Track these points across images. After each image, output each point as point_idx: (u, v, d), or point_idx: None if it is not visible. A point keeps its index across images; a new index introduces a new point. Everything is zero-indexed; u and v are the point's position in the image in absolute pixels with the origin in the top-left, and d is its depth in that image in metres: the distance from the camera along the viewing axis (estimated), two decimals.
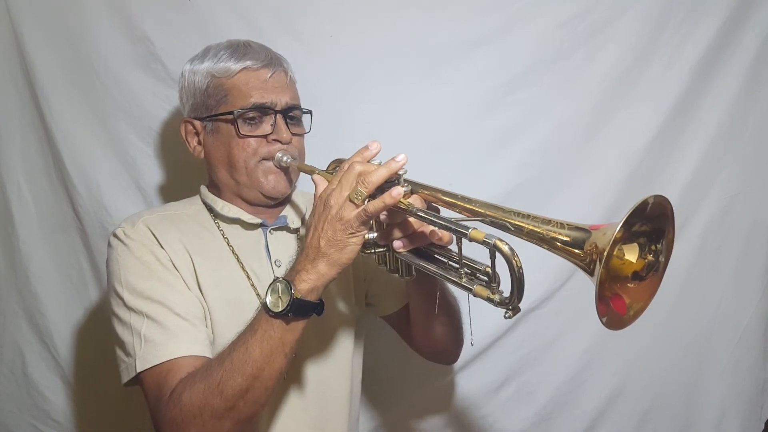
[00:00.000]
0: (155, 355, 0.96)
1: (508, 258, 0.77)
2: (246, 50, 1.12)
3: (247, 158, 1.10)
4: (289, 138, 1.11)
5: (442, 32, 1.47)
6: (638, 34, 1.49)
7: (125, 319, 1.00)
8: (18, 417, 1.55)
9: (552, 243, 0.76)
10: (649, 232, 0.75)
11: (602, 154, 1.52)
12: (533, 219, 0.79)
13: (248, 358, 0.89)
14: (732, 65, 1.53)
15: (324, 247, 0.88)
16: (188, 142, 1.17)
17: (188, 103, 1.16)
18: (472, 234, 0.79)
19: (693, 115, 1.53)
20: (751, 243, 1.59)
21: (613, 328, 0.76)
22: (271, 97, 1.10)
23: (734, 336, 1.60)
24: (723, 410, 1.60)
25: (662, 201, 0.73)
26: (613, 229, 0.68)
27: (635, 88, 1.51)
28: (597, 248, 0.70)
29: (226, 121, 1.11)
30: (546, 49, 1.48)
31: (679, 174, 1.54)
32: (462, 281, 0.86)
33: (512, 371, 1.54)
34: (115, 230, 1.08)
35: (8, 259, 1.53)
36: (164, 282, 1.02)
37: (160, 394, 0.93)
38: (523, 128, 1.50)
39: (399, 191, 0.85)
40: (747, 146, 1.57)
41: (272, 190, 1.12)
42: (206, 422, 0.88)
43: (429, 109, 1.48)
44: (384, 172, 0.87)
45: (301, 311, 0.89)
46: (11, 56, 1.45)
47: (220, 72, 1.10)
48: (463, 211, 0.88)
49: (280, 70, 1.13)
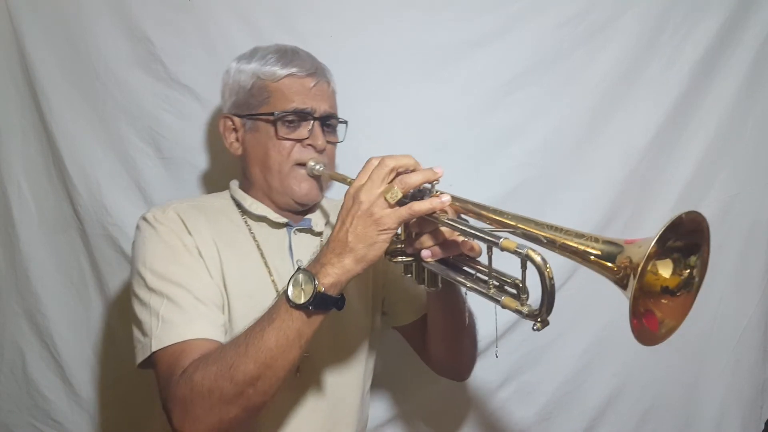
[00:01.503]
0: (170, 335, 0.96)
1: (540, 268, 0.76)
2: (293, 57, 1.16)
3: (282, 162, 1.13)
4: (323, 145, 1.14)
5: (442, 32, 1.47)
6: (638, 34, 1.49)
7: (145, 299, 1.01)
8: (18, 417, 1.55)
9: (585, 256, 0.76)
10: (683, 248, 0.75)
11: (602, 154, 1.52)
12: (566, 232, 0.79)
13: (263, 345, 0.88)
14: (732, 65, 1.53)
15: (352, 242, 0.87)
16: (226, 137, 1.20)
17: (230, 99, 1.19)
18: (504, 243, 0.78)
19: (693, 115, 1.53)
20: (751, 243, 1.59)
21: (645, 344, 0.75)
22: (312, 104, 1.14)
23: (734, 336, 1.60)
24: (723, 410, 1.60)
25: (697, 217, 0.73)
26: (648, 243, 0.68)
27: (635, 88, 1.51)
28: (631, 263, 0.70)
29: (266, 122, 1.14)
30: (546, 49, 1.48)
31: (679, 174, 1.54)
32: (490, 292, 0.85)
33: (512, 371, 1.54)
34: (145, 214, 1.09)
35: (8, 259, 1.53)
36: (187, 267, 1.03)
37: (172, 372, 0.93)
38: (523, 128, 1.50)
39: (448, 198, 0.86)
40: (747, 146, 1.57)
41: (304, 197, 1.15)
42: (214, 405, 0.88)
43: (429, 109, 1.48)
44: (422, 176, 0.87)
45: (323, 305, 0.89)
46: (11, 56, 1.45)
47: (266, 75, 1.14)
48: (493, 223, 0.88)
49: (324, 80, 1.17)
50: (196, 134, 1.46)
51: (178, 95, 1.44)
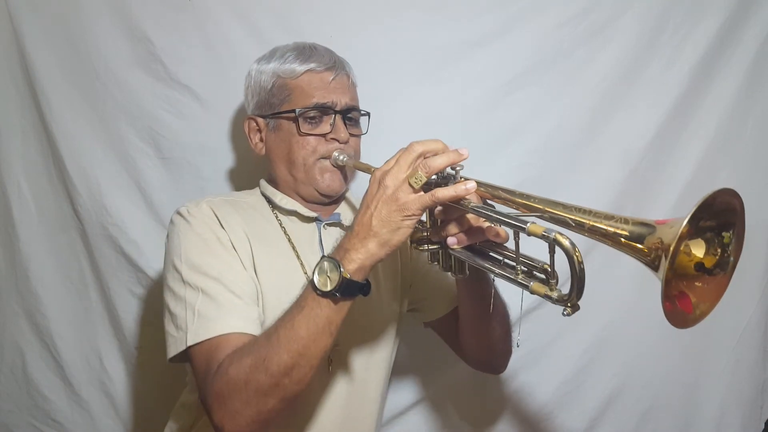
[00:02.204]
0: (207, 330, 0.96)
1: (569, 252, 0.73)
2: (311, 53, 1.16)
3: (306, 156, 1.14)
4: (346, 137, 1.15)
5: (442, 32, 1.47)
6: (638, 35, 1.49)
7: (180, 293, 1.01)
8: (18, 417, 1.55)
9: (615, 239, 0.74)
10: (716, 227, 0.74)
11: (602, 154, 1.52)
12: (595, 215, 0.77)
13: (294, 335, 0.88)
14: (732, 65, 1.53)
15: (376, 227, 0.86)
16: (251, 138, 1.21)
17: (253, 101, 1.20)
18: (531, 228, 0.76)
19: (693, 115, 1.53)
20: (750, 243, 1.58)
21: (678, 326, 0.73)
22: (332, 98, 1.14)
23: (734, 336, 1.60)
24: (723, 410, 1.60)
25: (730, 196, 0.71)
26: (680, 223, 0.66)
27: (635, 88, 1.51)
28: (663, 244, 0.68)
29: (288, 119, 1.14)
30: (546, 49, 1.48)
31: (679, 174, 1.54)
32: (518, 278, 0.84)
33: (512, 371, 1.54)
34: (178, 209, 1.10)
35: (8, 259, 1.53)
36: (222, 260, 1.03)
37: (209, 367, 0.93)
38: (523, 128, 1.50)
39: (473, 185, 0.84)
40: (747, 146, 1.56)
41: (327, 188, 1.15)
42: (251, 398, 0.88)
43: (429, 109, 1.48)
44: (446, 160, 0.85)
45: (349, 291, 0.88)
46: (11, 56, 1.45)
47: (286, 73, 1.14)
48: (520, 207, 0.86)
49: (343, 74, 1.17)
50: (196, 134, 1.46)
51: (178, 95, 1.45)
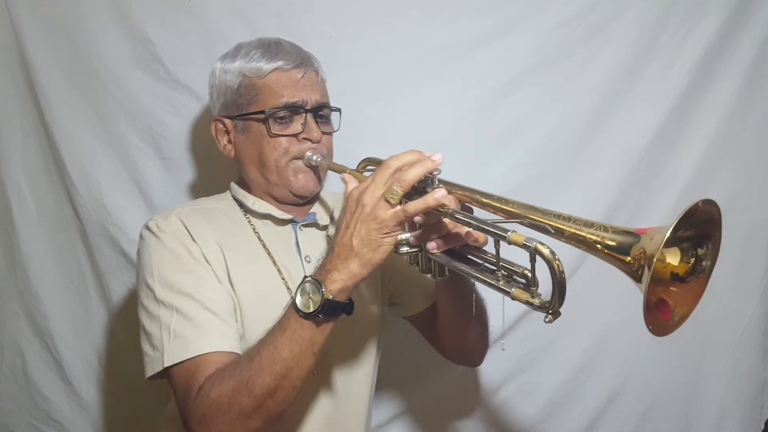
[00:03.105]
0: (184, 351, 0.95)
1: (550, 262, 0.73)
2: (278, 50, 1.13)
3: (278, 157, 1.11)
4: (319, 136, 1.12)
5: (442, 32, 1.47)
6: (638, 34, 1.49)
7: (154, 312, 1.00)
8: (18, 417, 1.55)
9: (593, 247, 0.73)
10: (693, 237, 0.73)
11: (602, 154, 1.51)
12: (575, 221, 0.76)
13: (277, 357, 0.88)
14: (732, 65, 1.53)
15: (357, 247, 0.86)
16: (218, 140, 1.18)
17: (219, 101, 1.16)
18: (512, 237, 0.75)
19: (693, 115, 1.53)
20: (750, 243, 1.59)
21: (659, 335, 0.73)
22: (302, 96, 1.11)
23: (734, 336, 1.60)
24: (723, 410, 1.60)
25: (710, 207, 0.70)
26: (663, 233, 0.65)
27: (635, 88, 1.51)
28: (645, 254, 0.67)
29: (257, 120, 1.12)
30: (546, 49, 1.48)
31: (679, 174, 1.53)
32: (499, 284, 0.83)
33: (512, 371, 1.54)
34: (147, 222, 1.08)
35: (8, 259, 1.53)
36: (195, 275, 1.02)
37: (189, 389, 0.93)
38: (523, 128, 1.50)
39: (442, 193, 0.83)
40: (746, 146, 1.56)
41: (302, 188, 1.13)
42: (234, 420, 0.88)
43: (429, 109, 1.48)
44: (419, 170, 0.84)
45: (332, 312, 0.88)
46: (11, 56, 1.45)
47: (252, 72, 1.11)
48: (499, 212, 0.85)
49: (311, 70, 1.14)
50: (196, 134, 1.46)
51: (178, 95, 1.44)
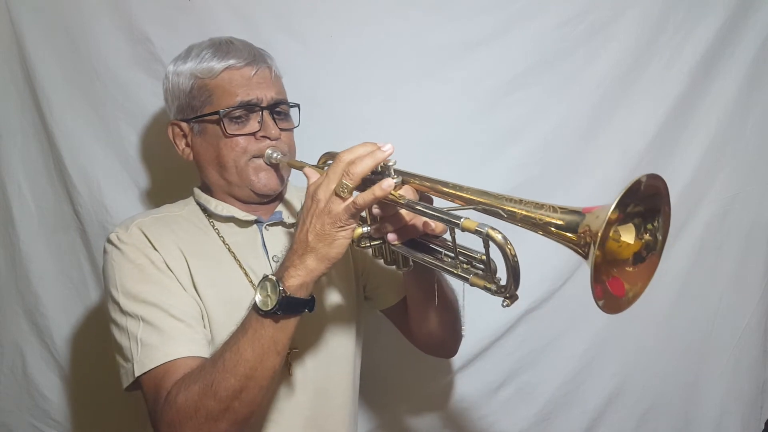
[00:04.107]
0: (152, 359, 0.95)
1: (501, 246, 0.75)
2: (228, 48, 1.11)
3: (237, 157, 1.10)
4: (277, 134, 1.10)
5: (442, 32, 1.47)
6: (638, 35, 1.49)
7: (122, 323, 1.00)
8: (18, 417, 1.56)
9: (545, 228, 0.74)
10: (644, 212, 0.74)
11: (602, 154, 1.52)
12: (525, 204, 0.77)
13: (240, 358, 0.88)
14: (732, 65, 1.53)
15: (312, 242, 0.86)
16: (176, 144, 1.16)
17: (174, 105, 1.14)
18: (464, 224, 0.77)
19: (693, 115, 1.53)
20: (750, 243, 1.59)
21: (611, 312, 0.74)
22: (256, 93, 1.09)
23: (734, 336, 1.60)
24: (723, 410, 1.61)
25: (655, 180, 0.72)
26: (606, 210, 0.67)
27: (635, 89, 1.51)
28: (590, 231, 0.69)
29: (212, 122, 1.10)
30: (546, 49, 1.48)
31: (679, 174, 1.53)
32: (458, 271, 0.85)
33: (512, 371, 1.54)
34: (109, 235, 1.08)
35: (8, 259, 1.53)
36: (159, 284, 1.01)
37: (157, 396, 0.93)
38: (523, 128, 1.50)
39: (389, 183, 0.83)
40: (747, 146, 1.56)
41: (264, 187, 1.12)
42: (202, 424, 0.88)
43: (429, 109, 1.48)
44: (369, 162, 0.84)
45: (291, 309, 0.88)
46: (11, 56, 1.45)
47: (204, 72, 1.09)
48: (455, 200, 0.86)
49: (264, 67, 1.12)
50: None
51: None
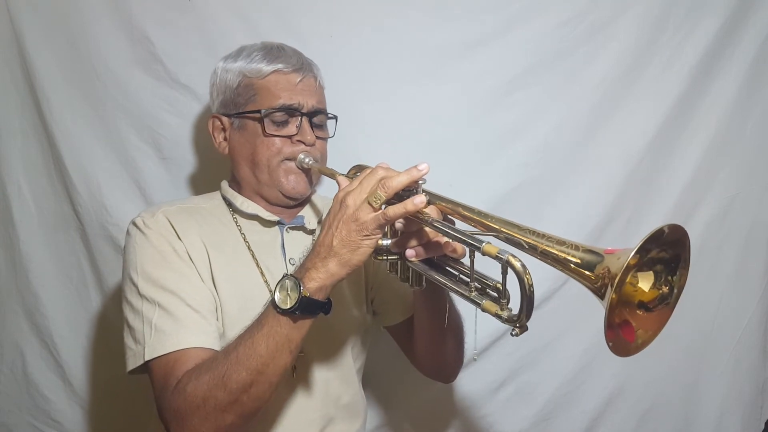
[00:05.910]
0: (164, 345, 0.96)
1: (520, 275, 0.75)
2: (279, 53, 1.15)
3: (271, 157, 1.13)
4: (313, 140, 1.14)
5: (442, 32, 1.47)
6: (638, 35, 1.49)
7: (137, 306, 1.01)
8: (18, 417, 1.55)
9: (565, 264, 0.75)
10: (667, 259, 0.75)
11: (602, 154, 1.52)
12: (548, 239, 0.78)
13: (254, 353, 0.89)
14: (732, 65, 1.53)
15: (336, 247, 0.88)
16: (215, 137, 1.20)
17: (218, 99, 1.18)
18: (486, 248, 0.78)
19: (693, 115, 1.53)
20: (750, 243, 1.59)
21: (619, 354, 0.76)
22: (299, 99, 1.13)
23: (734, 336, 1.60)
24: (723, 410, 1.60)
25: (678, 230, 0.72)
26: (627, 254, 0.68)
27: (635, 89, 1.51)
28: (609, 272, 0.70)
29: (253, 119, 1.13)
30: (546, 49, 1.48)
31: (679, 174, 1.54)
32: (471, 295, 0.85)
33: (512, 371, 1.54)
34: (134, 219, 1.09)
35: (8, 259, 1.53)
36: (179, 272, 1.03)
37: (166, 383, 0.94)
38: (523, 128, 1.50)
39: (421, 199, 0.84)
40: (747, 146, 1.57)
41: (292, 190, 1.15)
42: (209, 414, 0.89)
43: (429, 109, 1.48)
44: (405, 178, 0.86)
45: (309, 310, 0.89)
46: (11, 56, 1.45)
47: (252, 72, 1.13)
48: (478, 226, 0.88)
49: (310, 75, 1.16)
50: (196, 134, 1.46)
51: (178, 95, 1.45)
